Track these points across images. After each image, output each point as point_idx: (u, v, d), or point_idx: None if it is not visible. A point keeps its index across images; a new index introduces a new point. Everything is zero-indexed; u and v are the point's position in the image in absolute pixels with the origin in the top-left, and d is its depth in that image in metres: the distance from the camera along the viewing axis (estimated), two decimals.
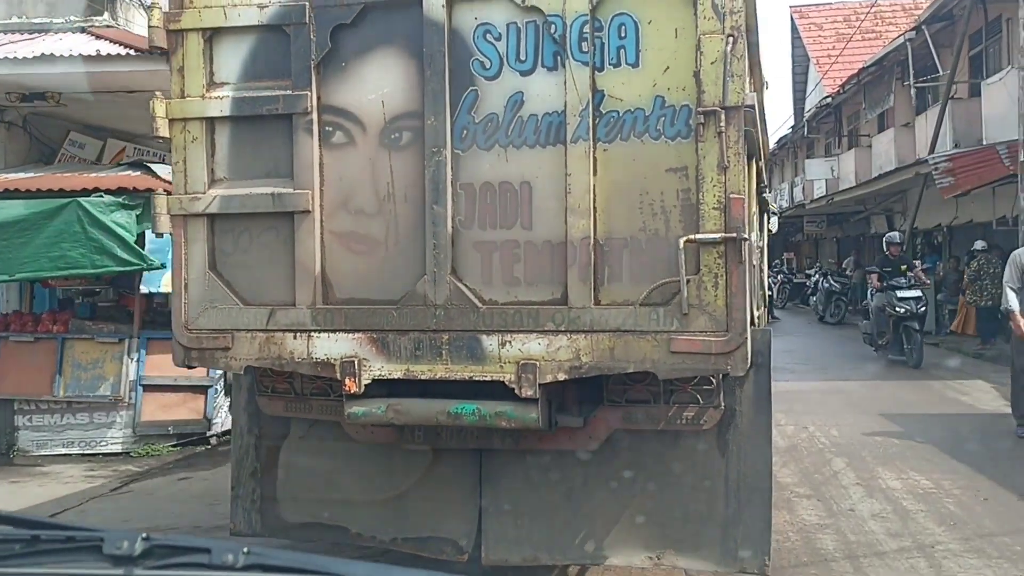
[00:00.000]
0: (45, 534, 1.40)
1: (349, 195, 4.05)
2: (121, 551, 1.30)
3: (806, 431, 8.85)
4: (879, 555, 5.44)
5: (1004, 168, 13.77)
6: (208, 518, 6.18)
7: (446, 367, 3.91)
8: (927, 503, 6.41)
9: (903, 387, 11.69)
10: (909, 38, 19.20)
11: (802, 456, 7.87)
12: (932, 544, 5.59)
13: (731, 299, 3.60)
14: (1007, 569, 5.16)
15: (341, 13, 3.98)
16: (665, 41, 3.67)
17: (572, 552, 4.47)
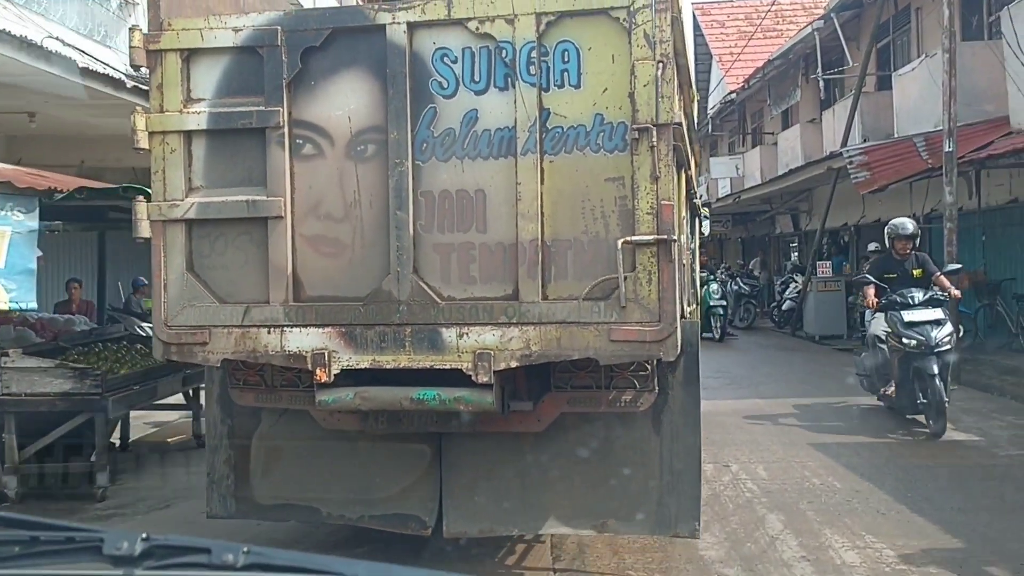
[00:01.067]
0: (44, 535, 1.39)
1: (318, 202, 4.45)
2: (121, 551, 1.30)
3: (728, 472, 7.18)
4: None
5: (922, 162, 13.16)
6: None
7: (409, 357, 4.33)
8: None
9: (829, 405, 10.47)
10: (817, 27, 18.59)
11: (727, 511, 6.20)
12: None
13: (663, 293, 4.09)
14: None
15: (310, 37, 4.38)
16: (603, 65, 4.15)
17: (524, 523, 4.93)
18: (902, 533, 5.63)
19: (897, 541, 5.48)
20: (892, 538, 5.54)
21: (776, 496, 6.57)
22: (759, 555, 5.36)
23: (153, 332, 4.63)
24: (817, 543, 5.51)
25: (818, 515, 6.10)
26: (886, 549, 5.36)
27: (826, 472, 7.23)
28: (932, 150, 12.86)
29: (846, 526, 5.82)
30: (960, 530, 5.68)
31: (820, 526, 5.85)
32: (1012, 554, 5.23)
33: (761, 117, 27.17)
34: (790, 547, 5.46)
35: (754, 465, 7.48)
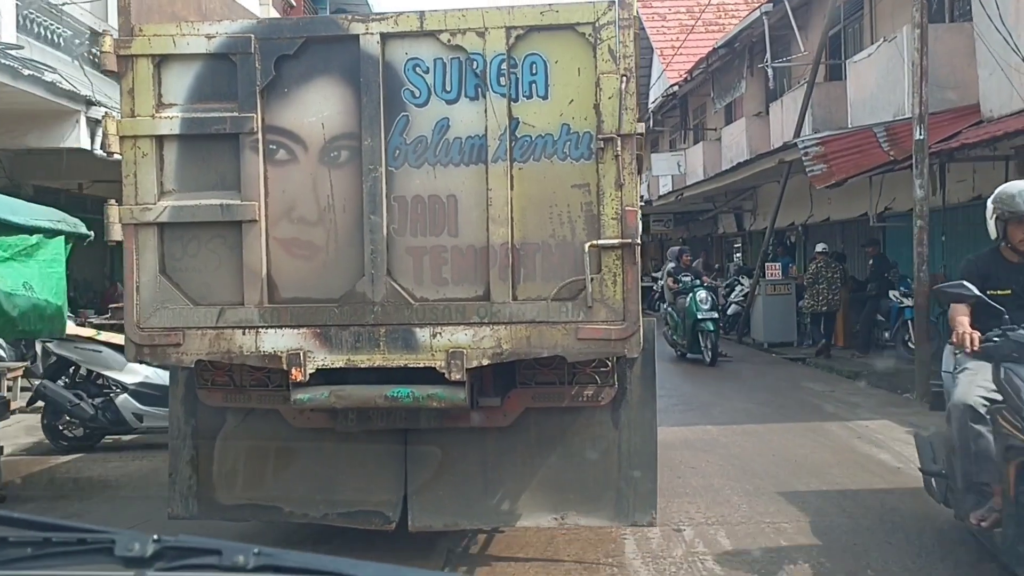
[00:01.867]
0: (56, 536, 1.39)
1: (292, 206, 4.57)
2: (132, 553, 1.31)
3: (681, 542, 5.51)
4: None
5: (883, 154, 11.92)
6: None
7: (384, 356, 4.49)
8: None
9: (796, 435, 8.57)
10: (766, 11, 17.19)
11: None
12: None
13: (627, 294, 4.35)
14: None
15: (284, 45, 4.49)
16: (570, 78, 4.37)
17: (487, 517, 5.13)
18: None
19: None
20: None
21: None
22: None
23: (125, 334, 4.68)
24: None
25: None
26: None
27: (808, 542, 5.42)
28: (894, 141, 11.83)
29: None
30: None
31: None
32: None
33: (704, 112, 26.16)
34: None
35: (713, 529, 5.72)
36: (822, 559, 5.12)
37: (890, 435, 8.45)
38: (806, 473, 7.12)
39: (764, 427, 9.08)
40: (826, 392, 11.42)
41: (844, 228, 16.95)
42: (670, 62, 25.76)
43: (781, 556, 5.19)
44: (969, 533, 4.91)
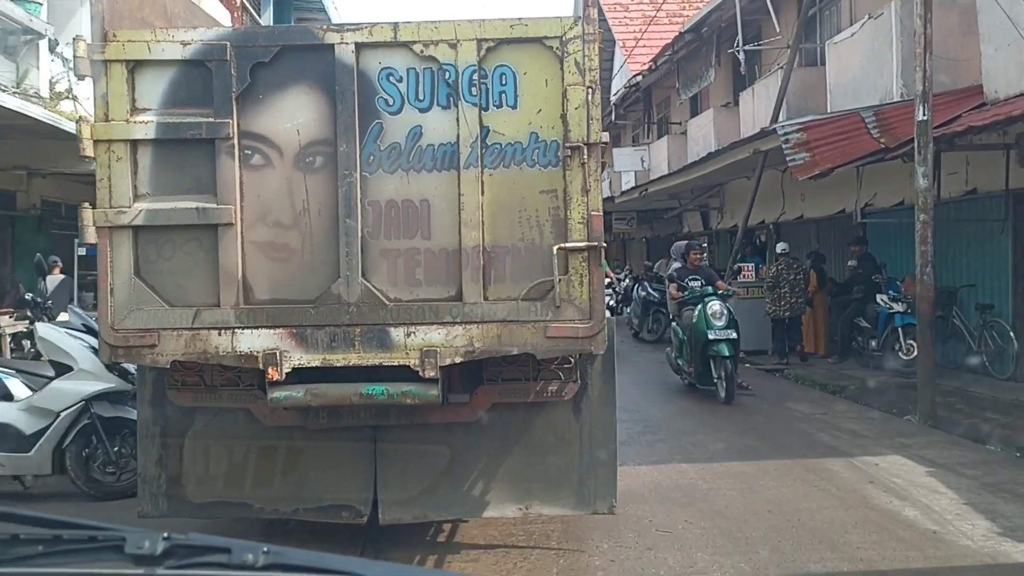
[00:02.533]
0: (67, 533, 1.41)
1: (268, 210, 4.69)
2: (143, 550, 1.32)
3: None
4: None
5: (872, 141, 10.69)
6: None
7: (359, 355, 4.65)
8: None
9: (794, 480, 6.88)
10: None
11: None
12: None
13: (593, 294, 4.59)
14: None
15: (260, 52, 4.61)
16: (538, 89, 4.60)
17: (454, 509, 5.33)
18: None
19: None
20: None
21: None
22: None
23: (100, 335, 4.74)
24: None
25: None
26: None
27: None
28: (884, 127, 10.65)
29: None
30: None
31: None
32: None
33: (668, 106, 25.10)
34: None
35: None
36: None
37: (909, 478, 6.79)
38: (817, 541, 5.44)
39: (752, 466, 7.34)
40: (817, 416, 9.58)
41: (820, 226, 15.97)
42: (632, 52, 24.66)
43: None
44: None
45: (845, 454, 7.77)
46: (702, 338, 10.52)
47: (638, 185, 22.93)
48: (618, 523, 5.70)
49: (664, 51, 20.87)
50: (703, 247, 10.96)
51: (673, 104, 24.15)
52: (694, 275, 11.34)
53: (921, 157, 9.17)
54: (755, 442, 8.45)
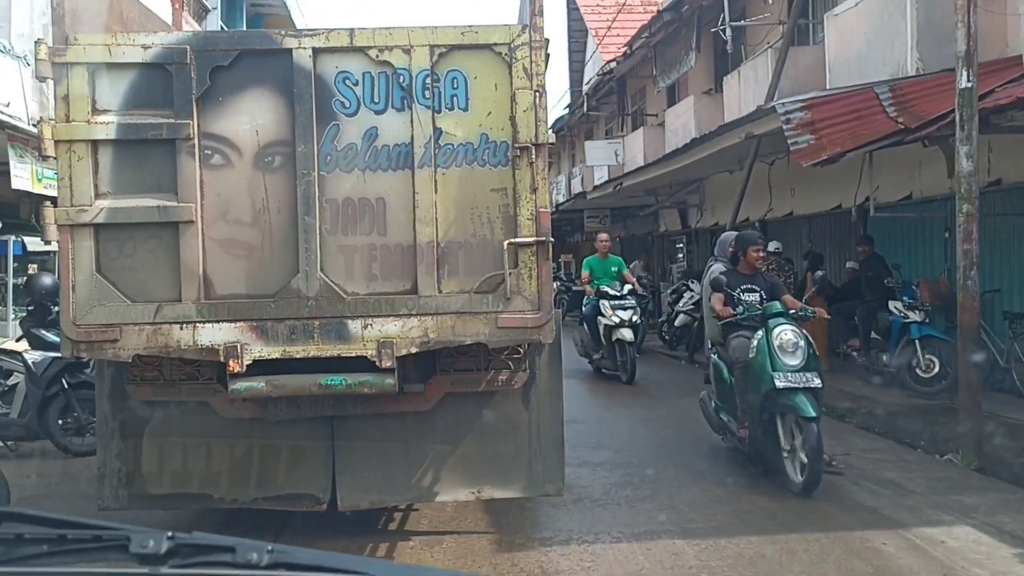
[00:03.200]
0: (72, 533, 1.41)
1: (228, 208, 4.86)
2: (147, 550, 1.32)
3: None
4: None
5: (888, 121, 9.01)
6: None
7: (318, 347, 4.85)
8: None
9: (835, 571, 4.95)
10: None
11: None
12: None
13: (542, 286, 4.86)
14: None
15: (219, 56, 4.79)
16: (488, 92, 4.85)
17: (410, 493, 5.54)
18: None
19: None
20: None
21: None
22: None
23: (62, 330, 4.85)
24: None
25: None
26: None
27: None
28: (902, 105, 9.08)
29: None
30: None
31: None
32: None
33: (643, 97, 23.57)
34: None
35: None
36: None
37: (997, 567, 4.92)
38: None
39: (774, 544, 5.31)
40: (839, 457, 7.12)
41: (812, 224, 14.52)
42: (603, 39, 23.60)
43: None
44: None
45: (895, 522, 5.67)
46: (763, 384, 6.60)
47: (612, 179, 20.65)
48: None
49: (640, 33, 18.96)
50: (759, 240, 7.71)
51: (649, 95, 22.65)
52: (749, 283, 7.40)
53: (964, 133, 7.29)
54: (768, 501, 6.19)
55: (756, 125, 11.23)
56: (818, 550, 5.22)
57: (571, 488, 5.34)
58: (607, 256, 13.01)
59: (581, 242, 31.34)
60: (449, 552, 5.34)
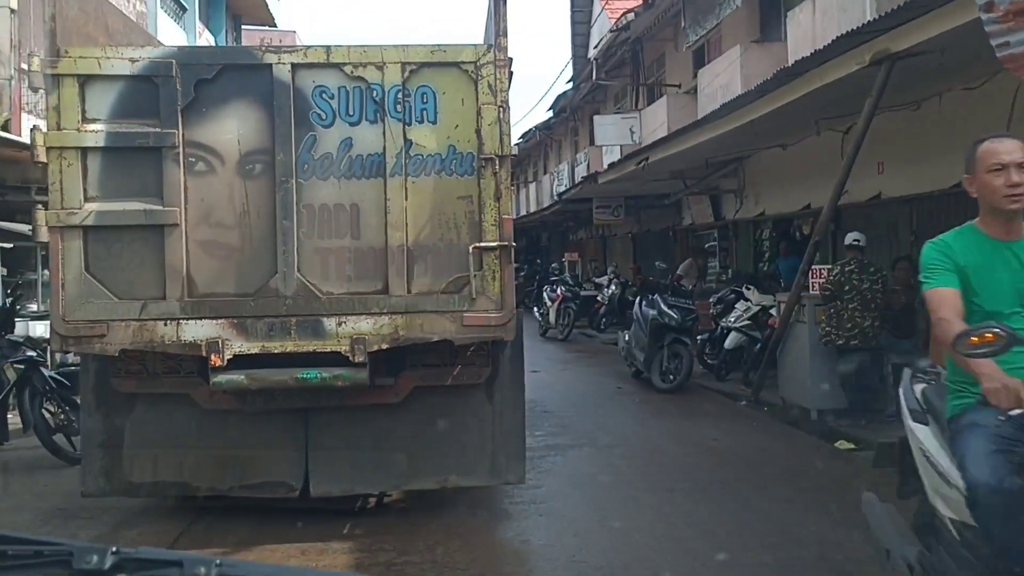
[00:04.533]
0: (12, 549, 1.36)
1: (211, 212, 5.18)
2: (90, 566, 1.29)
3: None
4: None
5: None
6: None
7: (295, 343, 5.18)
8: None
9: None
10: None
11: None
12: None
13: (504, 287, 5.24)
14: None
15: (203, 70, 5.11)
16: (455, 107, 5.22)
17: (379, 482, 5.89)
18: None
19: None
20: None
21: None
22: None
23: (51, 326, 5.14)
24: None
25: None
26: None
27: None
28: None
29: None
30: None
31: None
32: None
33: (662, 66, 20.05)
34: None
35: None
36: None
37: None
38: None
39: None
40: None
41: (915, 209, 10.04)
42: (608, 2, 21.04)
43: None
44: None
45: None
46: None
47: (635, 152, 15.25)
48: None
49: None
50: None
51: (670, 61, 19.35)
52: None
53: None
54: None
55: (896, 37, 6.89)
56: None
57: None
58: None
59: (586, 239, 27.91)
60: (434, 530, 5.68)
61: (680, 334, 11.26)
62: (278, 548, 5.34)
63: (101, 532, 5.68)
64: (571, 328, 18.22)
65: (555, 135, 32.04)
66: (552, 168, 31.54)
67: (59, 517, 6.05)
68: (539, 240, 38.76)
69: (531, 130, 33.17)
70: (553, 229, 34.04)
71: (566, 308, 18.34)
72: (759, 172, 14.06)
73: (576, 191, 20.43)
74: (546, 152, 34.88)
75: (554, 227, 32.95)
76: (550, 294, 19.10)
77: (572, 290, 19.09)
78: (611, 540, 5.52)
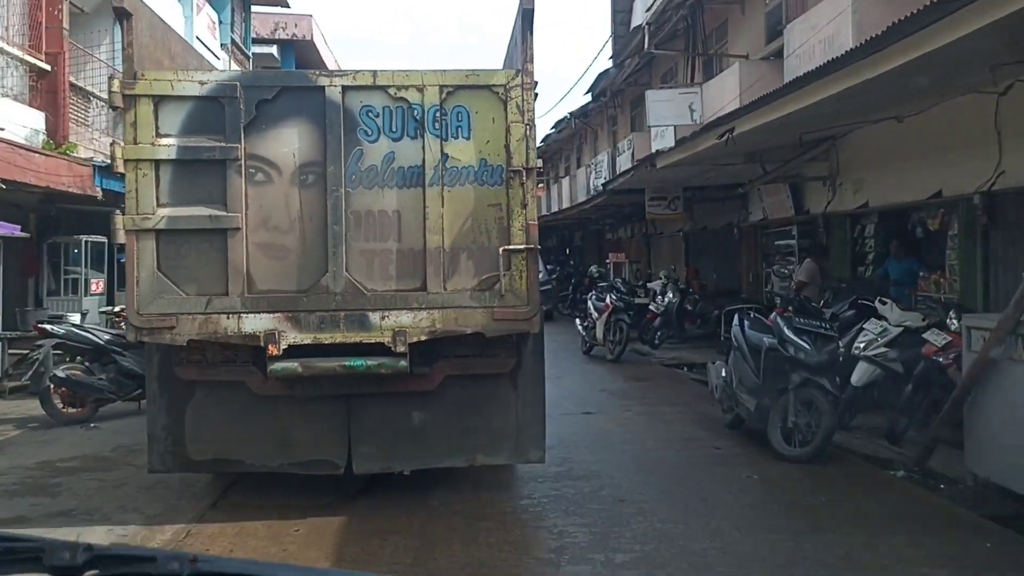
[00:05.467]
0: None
1: (269, 217, 5.82)
2: (63, 562, 1.28)
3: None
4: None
5: None
6: None
7: (343, 335, 5.81)
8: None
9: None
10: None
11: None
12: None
13: (530, 285, 5.86)
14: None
15: (264, 92, 5.75)
16: (487, 124, 5.85)
17: (414, 461, 6.48)
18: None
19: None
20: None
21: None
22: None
23: (127, 319, 5.77)
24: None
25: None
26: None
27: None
28: None
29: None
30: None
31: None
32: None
33: (724, 36, 17.67)
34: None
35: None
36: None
37: None
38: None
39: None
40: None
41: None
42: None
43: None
44: None
45: None
46: None
47: (721, 121, 10.85)
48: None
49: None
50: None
51: (734, 29, 16.93)
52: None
53: None
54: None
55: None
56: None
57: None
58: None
59: (628, 238, 24.26)
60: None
61: (816, 374, 7.69)
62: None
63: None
64: (624, 347, 14.76)
65: (591, 123, 30.03)
66: (587, 160, 29.23)
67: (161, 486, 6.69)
68: (571, 239, 37.51)
69: (565, 118, 31.29)
70: (588, 227, 31.85)
71: (617, 322, 14.86)
72: (860, 153, 11.28)
73: (625, 180, 16.79)
74: (579, 145, 33.21)
75: (588, 225, 30.49)
76: (596, 303, 15.48)
77: (624, 299, 15.35)
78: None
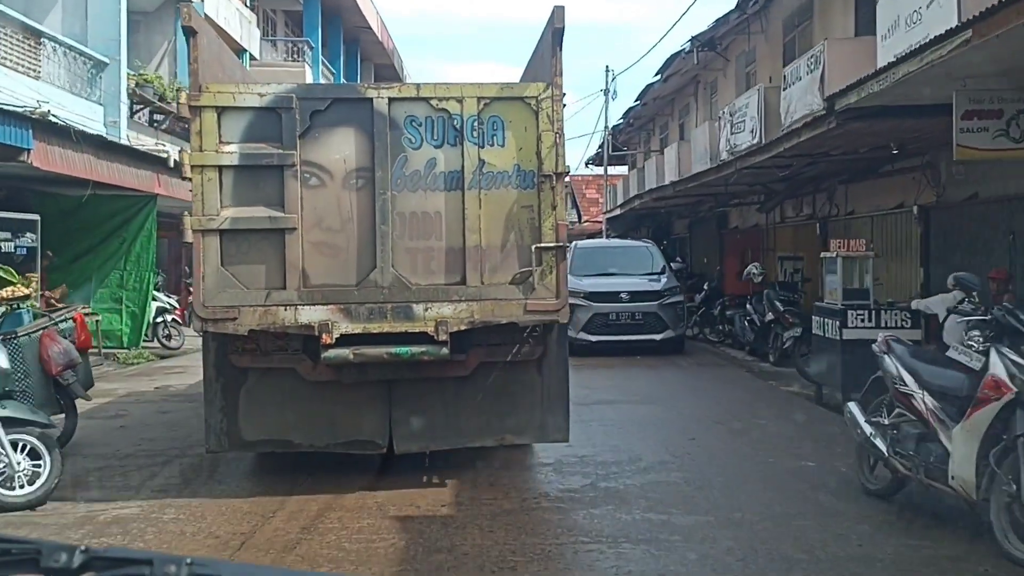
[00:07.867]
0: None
1: (322, 218, 6.38)
2: (59, 564, 1.26)
3: None
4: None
5: None
6: None
7: (390, 325, 6.39)
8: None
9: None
10: None
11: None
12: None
13: (559, 280, 6.44)
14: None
15: (317, 103, 6.31)
16: (520, 133, 6.42)
17: (448, 441, 7.07)
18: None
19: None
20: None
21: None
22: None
23: (193, 311, 6.34)
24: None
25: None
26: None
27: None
28: None
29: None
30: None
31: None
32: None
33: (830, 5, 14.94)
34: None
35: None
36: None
37: None
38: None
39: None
40: None
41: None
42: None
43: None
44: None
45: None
46: None
47: (862, 81, 8.60)
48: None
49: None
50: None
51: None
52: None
53: None
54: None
55: None
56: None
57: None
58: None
59: (807, 219, 16.23)
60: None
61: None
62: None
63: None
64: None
65: (712, 68, 22.15)
66: (698, 120, 23.55)
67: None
68: (668, 229, 28.40)
69: (680, 51, 21.73)
70: (698, 212, 23.79)
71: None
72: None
73: (749, 159, 12.94)
74: (685, 105, 26.37)
75: (699, 209, 23.07)
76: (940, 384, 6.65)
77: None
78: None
